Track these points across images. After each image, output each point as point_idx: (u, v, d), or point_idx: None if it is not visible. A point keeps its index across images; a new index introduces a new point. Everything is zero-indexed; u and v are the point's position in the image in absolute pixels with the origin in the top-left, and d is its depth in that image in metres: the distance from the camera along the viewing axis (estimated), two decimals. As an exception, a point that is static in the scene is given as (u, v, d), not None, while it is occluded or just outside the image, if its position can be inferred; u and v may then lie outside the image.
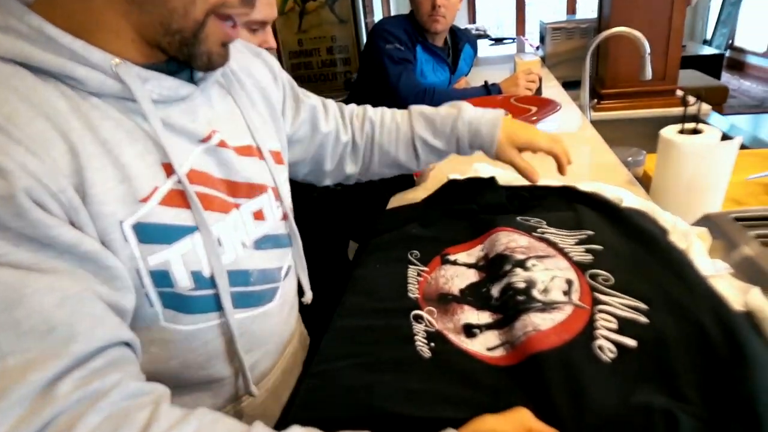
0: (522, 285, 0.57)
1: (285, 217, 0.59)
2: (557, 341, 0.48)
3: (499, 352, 0.51)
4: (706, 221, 0.67)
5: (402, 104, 0.78)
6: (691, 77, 2.50)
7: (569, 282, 0.57)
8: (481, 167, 0.97)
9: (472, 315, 0.57)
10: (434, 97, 1.50)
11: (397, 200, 0.95)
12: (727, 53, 4.91)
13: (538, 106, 1.33)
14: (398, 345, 0.54)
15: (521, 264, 0.61)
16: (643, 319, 0.49)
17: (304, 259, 0.64)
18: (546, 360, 0.46)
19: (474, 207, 0.80)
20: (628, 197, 0.75)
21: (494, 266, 0.64)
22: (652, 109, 1.76)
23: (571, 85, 1.92)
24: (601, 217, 0.70)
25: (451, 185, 0.88)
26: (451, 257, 0.70)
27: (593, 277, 0.57)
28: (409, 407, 0.45)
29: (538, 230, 0.69)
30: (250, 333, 0.53)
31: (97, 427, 0.32)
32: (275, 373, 0.60)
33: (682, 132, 0.81)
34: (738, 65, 5.08)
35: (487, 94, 1.49)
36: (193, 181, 0.45)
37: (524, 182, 0.88)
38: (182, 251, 0.44)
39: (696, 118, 0.82)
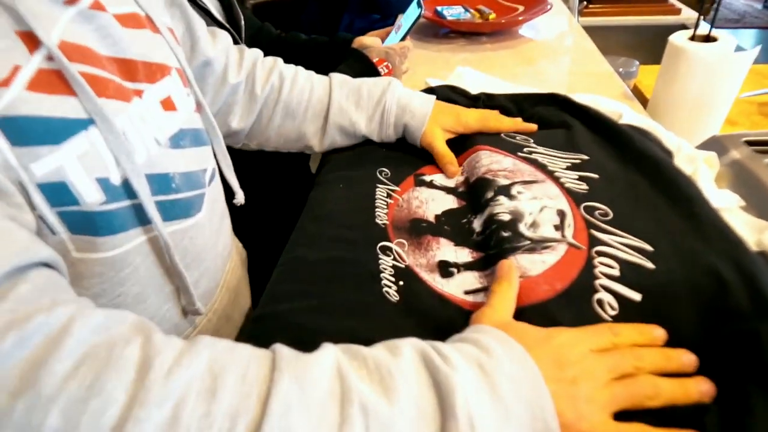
0: (507, 217, 0.49)
1: (199, 108, 0.48)
2: (549, 292, 0.40)
3: (478, 298, 0.44)
4: (713, 144, 0.60)
5: None
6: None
7: (561, 214, 0.48)
8: (465, 72, 0.85)
9: (449, 251, 0.49)
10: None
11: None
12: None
13: (525, 4, 1.17)
14: (361, 283, 0.46)
15: (505, 191, 0.52)
16: (648, 264, 0.42)
17: (228, 156, 0.53)
18: (535, 317, 0.39)
19: None
20: (628, 113, 0.66)
21: (475, 193, 0.55)
22: (643, 16, 1.62)
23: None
24: (598, 138, 0.60)
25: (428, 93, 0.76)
26: (427, 178, 0.60)
27: (589, 210, 0.49)
28: None
29: (525, 149, 0.60)
30: (182, 249, 0.43)
31: (71, 376, 0.23)
32: (221, 294, 0.52)
33: (692, 39, 0.70)
34: (725, -26, 4.84)
35: (469, -13, 1.30)
36: (71, 57, 0.32)
37: (511, 90, 0.78)
38: (78, 152, 0.32)
39: (709, 25, 0.71)
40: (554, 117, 0.67)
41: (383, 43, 0.90)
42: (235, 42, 0.81)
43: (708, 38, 0.70)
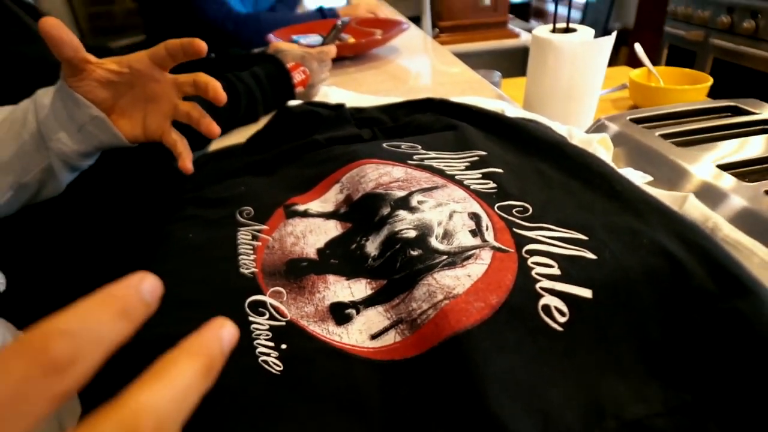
0: (412, 234, 0.38)
1: None
2: (485, 310, 0.30)
3: (389, 339, 0.32)
4: (600, 128, 0.56)
5: (207, 31, 0.52)
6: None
7: (475, 217, 0.39)
8: (331, 91, 0.76)
9: (341, 289, 0.37)
10: (261, 23, 1.23)
11: (220, 143, 0.69)
12: (533, 2, 5.36)
13: (383, 28, 1.14)
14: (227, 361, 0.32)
15: (404, 203, 0.42)
16: (589, 255, 0.34)
17: None
18: (473, 342, 0.28)
19: (319, 140, 0.59)
20: (509, 109, 0.61)
21: (364, 211, 0.44)
22: (488, 41, 1.72)
23: (412, 21, 1.79)
24: (489, 135, 0.54)
25: (285, 115, 0.65)
26: (300, 207, 0.48)
27: (505, 210, 0.40)
28: None
29: (415, 157, 0.51)
30: None
31: None
32: None
33: (553, 32, 0.69)
34: (540, 13, 5.59)
35: (323, 18, 1.26)
36: None
37: (387, 101, 0.70)
38: None
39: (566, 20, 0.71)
40: (435, 123, 0.60)
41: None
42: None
43: (567, 30, 0.69)
